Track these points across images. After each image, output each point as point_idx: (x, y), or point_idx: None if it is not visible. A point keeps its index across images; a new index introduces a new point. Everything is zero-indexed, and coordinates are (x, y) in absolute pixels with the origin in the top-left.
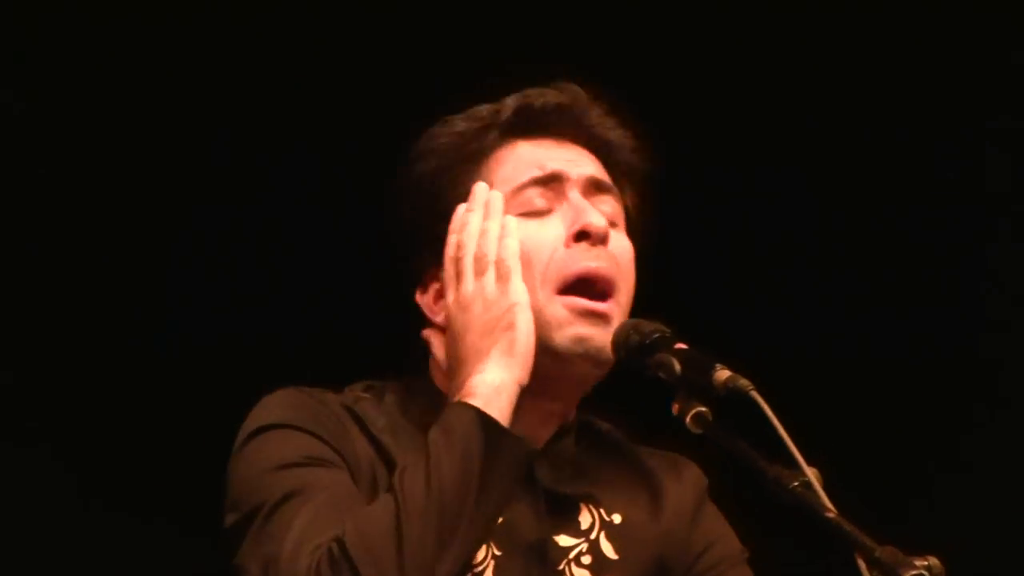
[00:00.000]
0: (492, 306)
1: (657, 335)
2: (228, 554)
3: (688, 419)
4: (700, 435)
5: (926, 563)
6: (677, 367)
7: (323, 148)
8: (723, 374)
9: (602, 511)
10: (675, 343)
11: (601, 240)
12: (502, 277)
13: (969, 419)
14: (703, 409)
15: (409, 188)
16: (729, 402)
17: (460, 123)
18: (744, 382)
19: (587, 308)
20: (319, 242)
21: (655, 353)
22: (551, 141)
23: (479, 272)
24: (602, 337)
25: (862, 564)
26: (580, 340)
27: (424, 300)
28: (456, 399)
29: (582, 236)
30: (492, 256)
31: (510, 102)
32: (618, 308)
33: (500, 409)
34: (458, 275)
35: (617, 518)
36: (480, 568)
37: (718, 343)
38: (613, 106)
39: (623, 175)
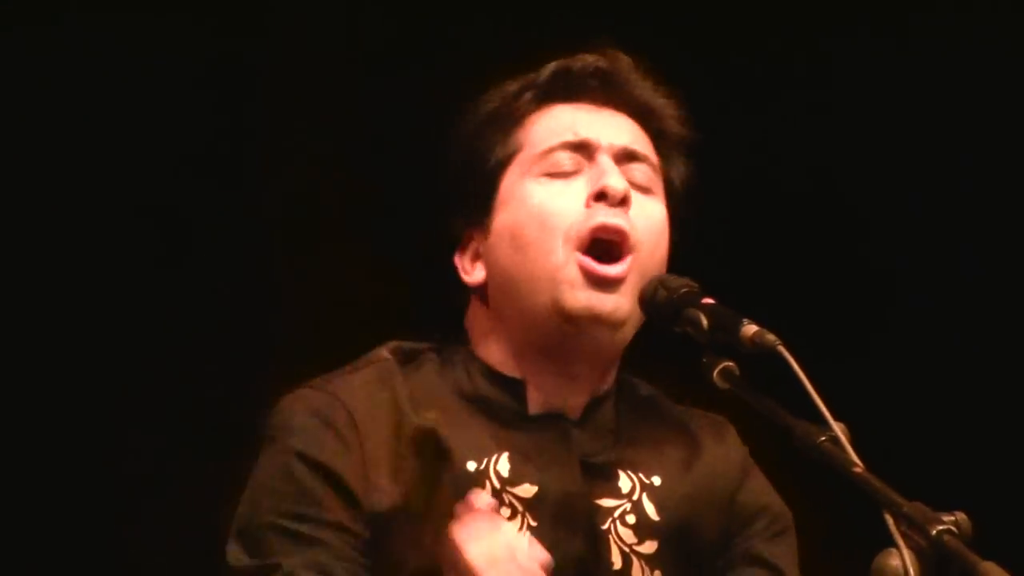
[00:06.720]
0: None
1: (684, 290)
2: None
3: (715, 374)
4: (727, 390)
5: (953, 518)
6: (704, 322)
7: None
8: (750, 329)
9: (641, 475)
10: (703, 298)
11: (620, 202)
12: None
13: None
14: (730, 364)
15: (452, 149)
16: (757, 357)
17: (508, 87)
18: (771, 337)
19: (597, 274)
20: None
21: (683, 309)
22: (589, 105)
23: None
24: (613, 302)
25: (890, 520)
26: (588, 307)
27: (461, 261)
28: None
29: (601, 197)
30: None
31: (550, 66)
32: (636, 272)
33: None
34: None
35: (657, 480)
36: None
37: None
38: (657, 76)
39: (669, 145)
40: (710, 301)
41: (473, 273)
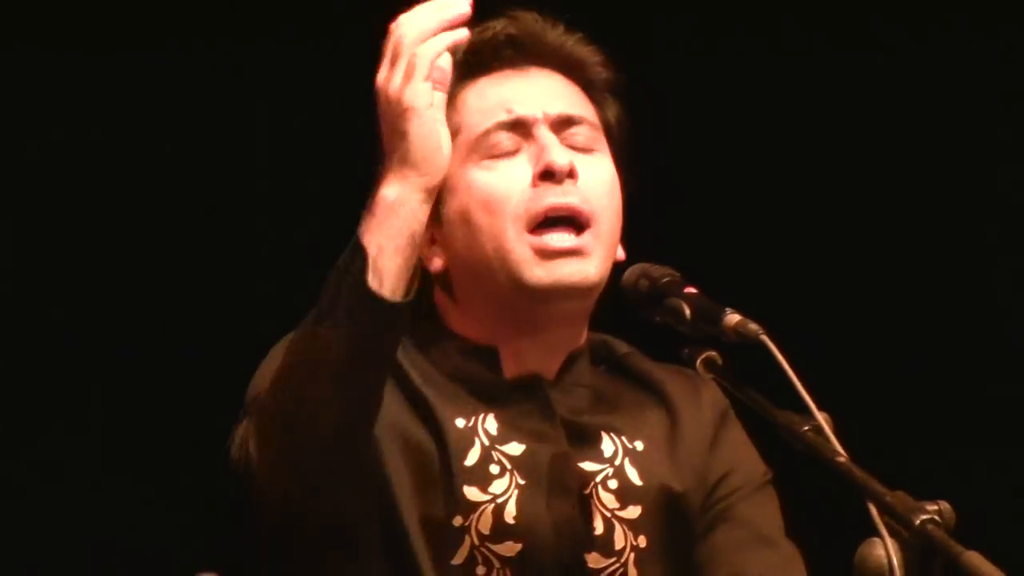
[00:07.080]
0: (392, 104)
1: (667, 279)
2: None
3: (698, 364)
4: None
5: (937, 508)
6: (687, 312)
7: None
8: (733, 319)
9: (624, 439)
10: (685, 287)
11: (568, 175)
12: (408, 75)
13: None
14: (712, 354)
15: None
16: (740, 347)
17: None
18: (754, 327)
19: (555, 250)
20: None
21: (665, 299)
22: (512, 71)
23: (393, 61)
24: (577, 269)
25: (873, 509)
26: (552, 276)
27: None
28: (361, 232)
29: (547, 175)
30: (408, 50)
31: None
32: (596, 239)
33: (395, 228)
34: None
35: (640, 445)
36: (503, 498)
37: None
38: (572, 25)
39: (600, 89)
40: (693, 291)
41: (432, 260)
